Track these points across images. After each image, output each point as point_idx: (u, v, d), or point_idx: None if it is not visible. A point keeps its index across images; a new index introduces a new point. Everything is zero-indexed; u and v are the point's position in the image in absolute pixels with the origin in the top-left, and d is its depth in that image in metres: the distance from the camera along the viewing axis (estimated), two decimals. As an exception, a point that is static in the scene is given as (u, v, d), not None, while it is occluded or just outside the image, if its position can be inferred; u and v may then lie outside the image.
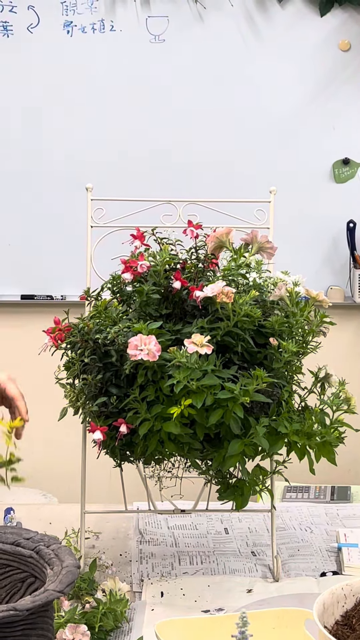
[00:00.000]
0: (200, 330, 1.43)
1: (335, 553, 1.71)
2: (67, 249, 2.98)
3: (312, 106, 3.02)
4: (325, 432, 1.48)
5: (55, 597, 1.07)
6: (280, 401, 1.48)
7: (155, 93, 3.01)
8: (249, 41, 2.99)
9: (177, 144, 3.02)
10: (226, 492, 1.52)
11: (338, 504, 2.05)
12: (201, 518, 1.87)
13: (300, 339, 1.50)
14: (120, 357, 1.45)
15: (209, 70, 3.00)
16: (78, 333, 1.49)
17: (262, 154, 3.03)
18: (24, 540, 1.22)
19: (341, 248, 3.06)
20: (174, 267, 1.53)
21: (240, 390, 1.38)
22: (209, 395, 1.38)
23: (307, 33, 2.99)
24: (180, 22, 2.98)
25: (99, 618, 1.37)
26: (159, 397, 1.43)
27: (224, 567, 1.65)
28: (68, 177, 3.00)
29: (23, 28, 2.98)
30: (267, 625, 1.28)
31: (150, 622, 1.41)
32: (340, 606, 1.18)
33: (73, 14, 2.97)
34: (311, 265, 3.06)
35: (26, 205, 3.05)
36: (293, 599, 1.50)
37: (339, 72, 3.01)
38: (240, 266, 1.52)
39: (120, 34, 2.99)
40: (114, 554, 1.71)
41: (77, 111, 3.01)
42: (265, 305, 1.51)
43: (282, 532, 1.80)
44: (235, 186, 2.97)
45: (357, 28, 2.99)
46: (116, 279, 1.56)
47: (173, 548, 1.73)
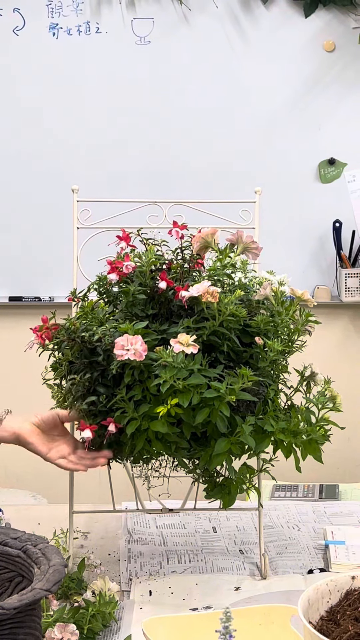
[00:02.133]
0: (186, 330, 1.44)
1: (323, 550, 1.72)
2: (54, 250, 2.99)
3: (297, 107, 3.03)
4: (311, 430, 1.49)
5: (42, 596, 1.08)
6: (266, 400, 1.49)
7: (141, 95, 3.02)
8: (234, 42, 3.00)
9: (162, 145, 3.03)
10: (213, 490, 1.53)
11: (325, 502, 2.07)
12: (189, 517, 1.87)
13: (286, 338, 1.51)
14: (107, 357, 1.46)
15: (195, 71, 3.01)
16: (65, 332, 1.50)
17: (247, 154, 3.04)
18: (11, 540, 1.23)
19: (328, 248, 3.08)
20: (159, 267, 1.54)
21: (227, 389, 1.39)
22: (195, 395, 1.39)
23: (292, 34, 3.00)
24: (165, 24, 2.99)
25: (88, 620, 1.37)
26: (146, 397, 1.44)
27: (212, 566, 1.66)
28: (54, 179, 3.00)
29: (9, 30, 2.98)
30: (254, 621, 1.30)
31: (139, 620, 1.42)
32: (325, 602, 1.19)
33: (59, 16, 2.98)
34: (298, 265, 3.07)
35: (12, 207, 3.05)
36: (280, 596, 1.51)
37: (324, 73, 3.02)
38: (225, 266, 1.53)
39: (106, 36, 3.00)
40: (103, 553, 1.71)
41: (63, 113, 3.02)
42: (251, 305, 1.52)
43: (269, 530, 1.81)
44: (220, 187, 2.98)
45: (341, 29, 3.00)
46: (102, 280, 1.57)
47: (161, 547, 1.74)
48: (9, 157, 3.03)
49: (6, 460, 3.04)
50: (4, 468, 3.08)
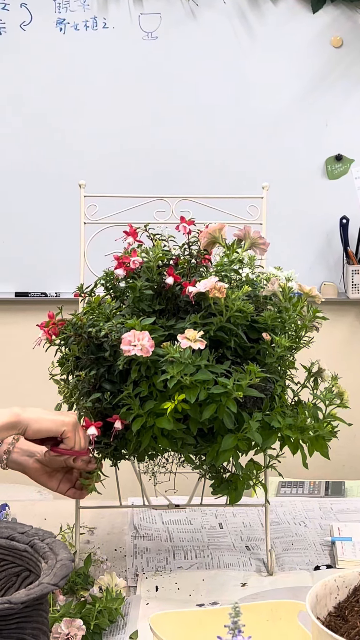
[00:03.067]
0: (193, 325, 1.44)
1: (329, 547, 1.72)
2: (61, 245, 2.99)
3: (304, 102, 3.03)
4: (318, 426, 1.49)
5: (49, 590, 1.08)
6: (274, 396, 1.49)
7: (148, 90, 3.02)
8: (242, 38, 3.00)
9: (170, 141, 3.03)
10: (220, 486, 1.52)
11: (332, 499, 2.06)
12: (195, 513, 1.87)
13: (293, 334, 1.50)
14: (114, 353, 1.46)
15: (202, 67, 3.01)
16: (71, 328, 1.50)
17: (255, 150, 3.03)
18: (19, 535, 1.23)
19: (334, 244, 3.07)
20: (166, 263, 1.53)
21: (234, 385, 1.39)
22: (202, 390, 1.39)
23: (299, 30, 3.00)
24: (172, 19, 2.99)
25: (94, 616, 1.37)
26: (152, 393, 1.43)
27: (218, 562, 1.66)
28: (61, 174, 3.01)
29: (16, 26, 2.98)
30: (261, 617, 1.29)
31: (145, 616, 1.42)
32: (333, 598, 1.19)
33: (66, 11, 2.97)
34: (305, 261, 3.07)
35: (19, 202, 3.05)
36: (287, 592, 1.51)
37: (332, 69, 3.01)
38: (233, 262, 1.53)
39: (112, 31, 2.99)
40: (109, 549, 1.71)
41: (70, 108, 3.02)
42: (258, 301, 1.52)
43: (276, 526, 1.81)
44: (228, 182, 2.97)
45: (349, 24, 2.99)
46: (109, 275, 1.56)
47: (168, 543, 1.74)
48: (16, 152, 3.03)
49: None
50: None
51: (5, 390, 3.06)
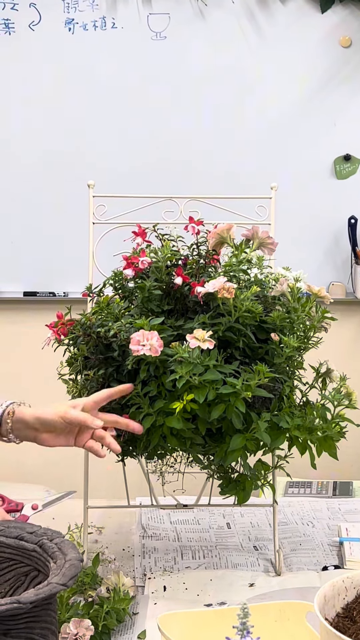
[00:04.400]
0: (202, 325, 1.44)
1: (337, 547, 1.72)
2: (70, 245, 2.99)
3: (313, 102, 3.03)
4: (327, 427, 1.49)
5: (58, 590, 1.08)
6: (282, 396, 1.49)
7: (157, 90, 3.02)
8: (250, 38, 2.99)
9: (178, 141, 3.03)
10: (228, 486, 1.52)
11: (340, 499, 2.06)
12: (203, 513, 1.87)
13: (302, 335, 1.50)
14: (122, 353, 1.46)
15: (210, 67, 3.01)
16: (80, 327, 1.50)
17: (263, 150, 3.03)
18: (27, 534, 1.23)
19: (343, 244, 3.07)
20: (175, 263, 1.54)
21: (242, 385, 1.39)
22: (211, 390, 1.39)
23: (308, 29, 2.99)
24: (181, 19, 2.99)
25: (102, 617, 1.37)
26: (161, 393, 1.44)
27: (226, 562, 1.66)
28: (70, 174, 3.01)
29: (25, 25, 2.99)
30: (269, 618, 1.29)
31: (153, 616, 1.42)
32: (341, 598, 1.19)
33: (74, 11, 2.98)
34: (313, 261, 3.06)
35: (28, 202, 3.06)
36: (295, 592, 1.51)
37: (340, 69, 3.01)
38: (241, 262, 1.53)
39: (121, 32, 2.99)
40: (117, 548, 1.72)
41: (78, 108, 3.02)
42: (267, 301, 1.52)
43: (284, 526, 1.81)
44: (236, 182, 2.97)
45: (357, 24, 2.99)
46: (118, 275, 1.57)
47: (175, 543, 1.74)
48: (24, 152, 3.04)
49: (20, 456, 3.05)
50: (18, 463, 3.08)
51: (14, 390, 3.06)
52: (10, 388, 3.08)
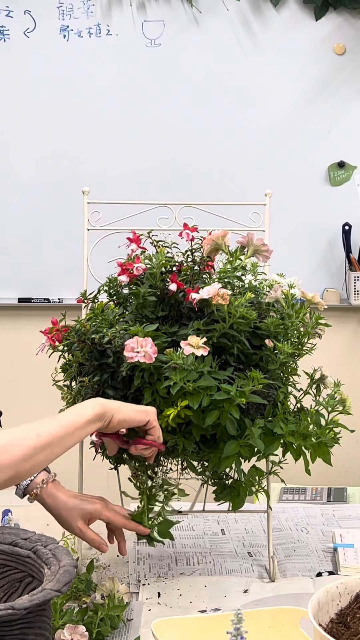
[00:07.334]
0: (197, 332, 1.45)
1: (331, 553, 1.72)
2: (64, 252, 3.00)
3: (307, 109, 3.03)
4: (321, 432, 1.49)
5: (52, 596, 1.08)
6: (276, 402, 1.49)
7: (152, 97, 3.03)
8: (245, 45, 3.00)
9: (173, 148, 3.04)
10: (222, 493, 1.53)
11: (334, 505, 2.06)
12: (198, 519, 1.88)
13: (296, 341, 1.51)
14: (117, 359, 1.46)
15: (205, 74, 3.02)
16: (75, 334, 1.50)
17: (257, 157, 3.04)
18: (22, 541, 1.23)
19: (337, 251, 3.08)
20: (170, 269, 1.54)
21: (236, 391, 1.39)
22: (205, 397, 1.39)
23: (302, 37, 3.00)
24: (176, 26, 3.00)
25: (97, 623, 1.37)
26: (156, 399, 1.44)
27: (220, 568, 1.66)
28: (65, 180, 3.01)
29: (20, 32, 2.99)
30: (263, 624, 1.30)
31: (148, 622, 1.42)
32: (335, 604, 1.19)
33: (69, 18, 2.98)
34: (307, 267, 3.07)
35: (23, 208, 3.06)
36: (289, 598, 1.51)
37: (334, 76, 3.02)
38: (236, 268, 1.53)
39: (116, 38, 3.00)
40: (111, 555, 1.71)
41: (73, 115, 3.03)
42: (261, 307, 1.52)
43: (278, 532, 1.81)
44: (231, 189, 2.98)
45: (352, 32, 3.00)
46: (113, 282, 1.57)
47: (170, 549, 1.74)
48: (19, 158, 3.04)
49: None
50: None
51: (8, 396, 3.06)
52: (4, 394, 3.08)
